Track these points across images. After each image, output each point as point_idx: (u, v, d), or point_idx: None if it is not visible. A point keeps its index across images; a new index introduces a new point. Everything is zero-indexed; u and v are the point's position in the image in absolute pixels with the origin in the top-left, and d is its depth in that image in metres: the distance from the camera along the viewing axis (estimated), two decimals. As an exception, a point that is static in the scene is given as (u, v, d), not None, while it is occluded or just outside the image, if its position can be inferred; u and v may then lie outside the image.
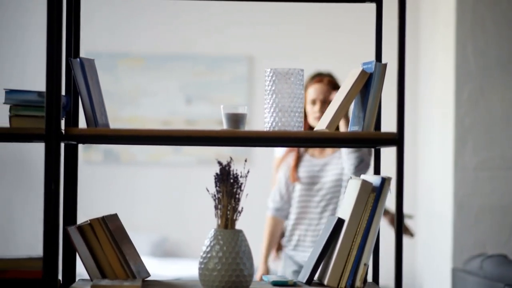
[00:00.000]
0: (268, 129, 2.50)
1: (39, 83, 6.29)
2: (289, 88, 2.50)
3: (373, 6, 2.71)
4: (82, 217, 2.85)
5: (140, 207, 6.95)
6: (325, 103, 4.32)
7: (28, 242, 6.85)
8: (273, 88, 2.51)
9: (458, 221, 5.69)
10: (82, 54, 2.71)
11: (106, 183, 6.96)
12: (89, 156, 6.92)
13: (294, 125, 2.49)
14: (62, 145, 2.47)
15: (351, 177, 2.61)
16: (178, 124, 6.90)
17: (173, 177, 6.99)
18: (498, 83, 5.73)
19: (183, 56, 6.97)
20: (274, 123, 2.50)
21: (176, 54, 6.97)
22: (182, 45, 7.02)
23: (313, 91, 4.30)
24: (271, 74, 2.52)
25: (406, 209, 5.79)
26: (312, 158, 4.29)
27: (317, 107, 4.25)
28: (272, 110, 2.50)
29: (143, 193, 7.01)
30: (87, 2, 2.69)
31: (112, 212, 2.71)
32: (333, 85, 4.50)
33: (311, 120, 4.28)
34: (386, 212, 5.10)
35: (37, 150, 6.84)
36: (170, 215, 6.92)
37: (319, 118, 4.21)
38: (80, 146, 6.38)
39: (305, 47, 6.99)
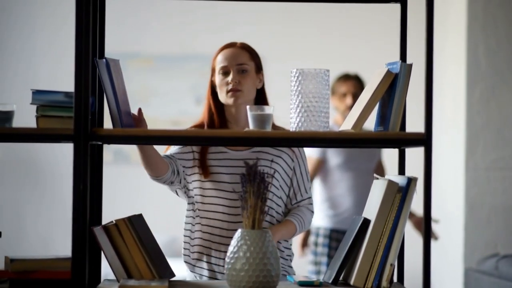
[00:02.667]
0: (294, 129, 2.49)
1: (43, 83, 6.30)
2: (315, 88, 2.50)
3: (384, 7, 2.71)
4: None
5: (149, 208, 6.94)
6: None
7: (36, 242, 6.85)
8: (299, 88, 2.50)
9: (470, 221, 5.69)
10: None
11: (116, 183, 6.96)
12: (98, 157, 6.93)
13: (320, 126, 2.48)
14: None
15: (378, 178, 2.61)
16: (187, 124, 6.89)
17: (183, 177, 6.99)
18: (510, 83, 5.74)
19: (193, 57, 6.97)
20: (300, 123, 2.49)
21: (185, 54, 6.97)
22: (191, 46, 7.02)
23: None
24: (297, 74, 2.51)
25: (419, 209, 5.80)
26: (230, 149, 2.96)
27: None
28: (298, 110, 2.50)
29: (152, 193, 7.01)
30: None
31: (120, 211, 2.71)
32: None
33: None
34: (411, 215, 5.11)
35: (45, 150, 6.84)
36: (179, 215, 6.91)
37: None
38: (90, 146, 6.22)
39: (315, 48, 6.98)
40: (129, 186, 7.00)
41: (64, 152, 6.85)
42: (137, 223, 2.59)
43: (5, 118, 2.49)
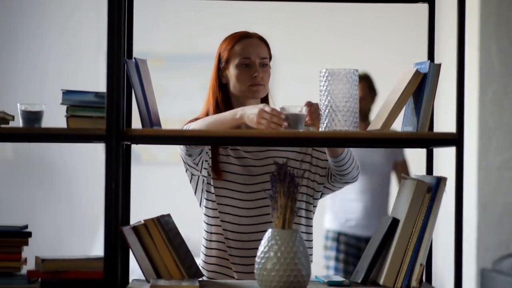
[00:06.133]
0: (323, 129, 2.49)
1: (50, 83, 6.32)
2: (345, 88, 2.50)
3: (400, 8, 2.71)
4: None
5: (160, 207, 6.93)
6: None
7: (42, 242, 6.84)
8: (328, 88, 2.50)
9: (482, 221, 5.69)
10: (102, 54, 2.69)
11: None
12: (109, 156, 6.93)
13: (350, 125, 2.48)
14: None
15: (405, 177, 2.60)
16: (198, 124, 6.90)
17: (194, 177, 6.99)
18: (522, 83, 5.74)
19: (204, 56, 6.96)
20: (329, 124, 2.49)
21: (196, 54, 6.98)
22: (202, 45, 7.01)
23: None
24: (326, 74, 2.51)
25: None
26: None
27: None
28: (327, 110, 2.50)
29: (163, 193, 7.01)
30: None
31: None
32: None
33: None
34: None
35: (58, 150, 6.84)
36: (191, 215, 6.91)
37: None
38: (99, 145, 6.33)
39: (325, 48, 6.98)
40: (139, 186, 6.99)
41: (72, 152, 6.86)
42: (165, 223, 2.59)
43: (34, 118, 2.49)
